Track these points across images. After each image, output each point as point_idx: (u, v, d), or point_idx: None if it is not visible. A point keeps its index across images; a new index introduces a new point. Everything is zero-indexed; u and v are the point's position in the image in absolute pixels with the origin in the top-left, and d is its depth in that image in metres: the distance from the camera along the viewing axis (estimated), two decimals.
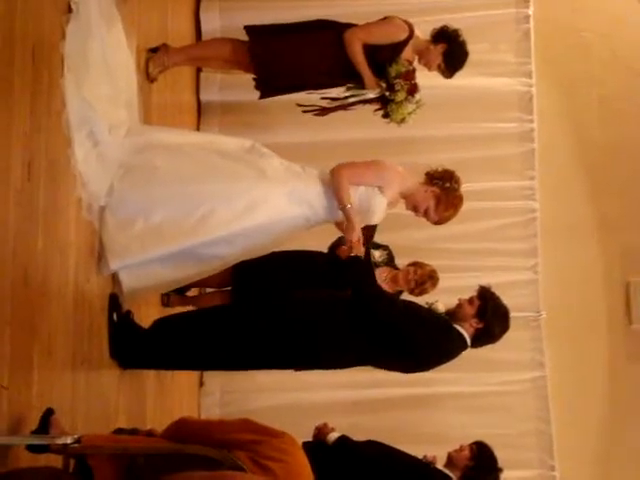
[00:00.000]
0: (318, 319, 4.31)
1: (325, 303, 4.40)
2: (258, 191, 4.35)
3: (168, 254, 4.33)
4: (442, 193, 4.49)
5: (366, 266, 4.46)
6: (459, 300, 4.45)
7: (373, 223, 4.62)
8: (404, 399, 6.41)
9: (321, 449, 4.42)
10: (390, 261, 5.54)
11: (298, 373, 4.96)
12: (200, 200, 4.30)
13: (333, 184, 4.34)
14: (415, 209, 4.56)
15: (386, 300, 4.43)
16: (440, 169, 4.54)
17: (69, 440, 3.09)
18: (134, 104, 4.68)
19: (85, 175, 4.01)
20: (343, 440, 4.52)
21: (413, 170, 4.59)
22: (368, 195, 4.42)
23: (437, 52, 5.15)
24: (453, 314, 4.43)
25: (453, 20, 5.49)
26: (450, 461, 4.61)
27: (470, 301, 4.42)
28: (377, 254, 5.38)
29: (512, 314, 4.56)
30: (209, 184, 4.34)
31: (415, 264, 5.51)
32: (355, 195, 4.38)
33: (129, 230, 4.23)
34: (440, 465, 4.60)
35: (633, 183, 6.86)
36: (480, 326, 4.39)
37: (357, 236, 4.29)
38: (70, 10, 4.01)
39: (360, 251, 4.29)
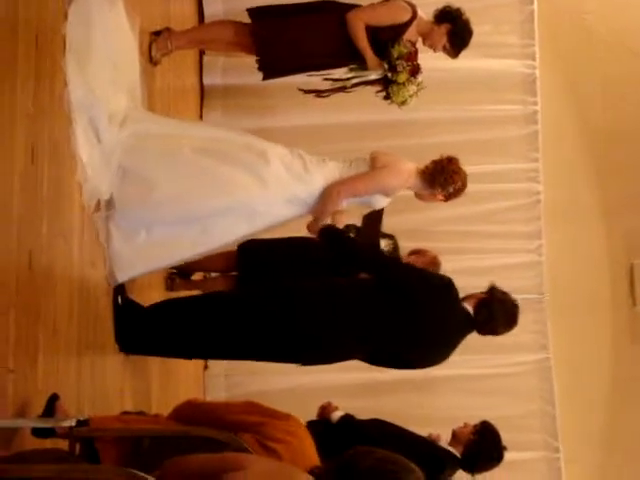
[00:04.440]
0: (327, 306, 4.31)
1: (335, 290, 4.40)
2: (259, 204, 4.39)
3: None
4: (449, 196, 4.62)
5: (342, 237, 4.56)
6: None
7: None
8: (407, 381, 6.41)
9: (325, 428, 4.44)
10: (395, 251, 5.52)
11: None
12: (200, 214, 4.35)
13: (325, 195, 4.41)
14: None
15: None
16: (431, 167, 4.56)
17: (75, 422, 3.11)
18: (137, 87, 4.66)
19: (88, 169, 4.00)
20: (347, 418, 4.53)
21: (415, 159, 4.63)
22: (370, 198, 4.57)
23: (441, 33, 5.13)
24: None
25: (457, 1, 5.46)
26: (454, 437, 4.63)
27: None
28: (383, 243, 5.36)
29: (516, 296, 4.57)
30: (209, 198, 4.34)
31: (417, 252, 5.48)
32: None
33: (133, 243, 4.29)
34: (444, 444, 4.62)
35: (637, 165, 6.84)
36: (485, 296, 4.44)
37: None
38: None
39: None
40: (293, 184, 4.41)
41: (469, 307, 4.44)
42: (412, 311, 4.32)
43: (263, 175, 4.37)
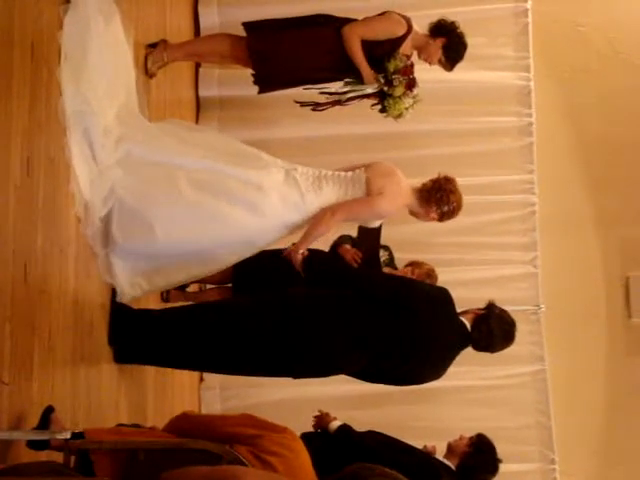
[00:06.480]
0: (322, 316, 4.32)
1: (329, 300, 4.40)
2: (257, 234, 4.48)
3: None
4: (442, 215, 4.63)
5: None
6: None
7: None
8: (404, 393, 6.39)
9: (322, 438, 4.44)
10: (390, 261, 5.53)
11: None
12: (200, 250, 4.44)
13: (318, 216, 4.45)
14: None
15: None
16: (428, 185, 4.58)
17: (70, 435, 3.10)
18: (134, 100, 4.66)
19: (83, 189, 4.02)
20: (345, 429, 4.52)
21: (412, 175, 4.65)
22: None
23: (437, 46, 5.16)
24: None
25: (451, 14, 5.48)
26: (449, 449, 4.63)
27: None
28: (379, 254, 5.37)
29: (511, 307, 4.59)
30: (209, 235, 4.41)
31: (413, 264, 5.49)
32: None
33: (135, 271, 4.39)
34: (440, 456, 4.62)
35: (632, 177, 6.85)
36: (483, 312, 4.44)
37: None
38: (68, 0, 4.00)
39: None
40: (289, 214, 4.47)
41: (466, 322, 4.44)
42: (409, 324, 4.33)
43: (261, 208, 4.42)
